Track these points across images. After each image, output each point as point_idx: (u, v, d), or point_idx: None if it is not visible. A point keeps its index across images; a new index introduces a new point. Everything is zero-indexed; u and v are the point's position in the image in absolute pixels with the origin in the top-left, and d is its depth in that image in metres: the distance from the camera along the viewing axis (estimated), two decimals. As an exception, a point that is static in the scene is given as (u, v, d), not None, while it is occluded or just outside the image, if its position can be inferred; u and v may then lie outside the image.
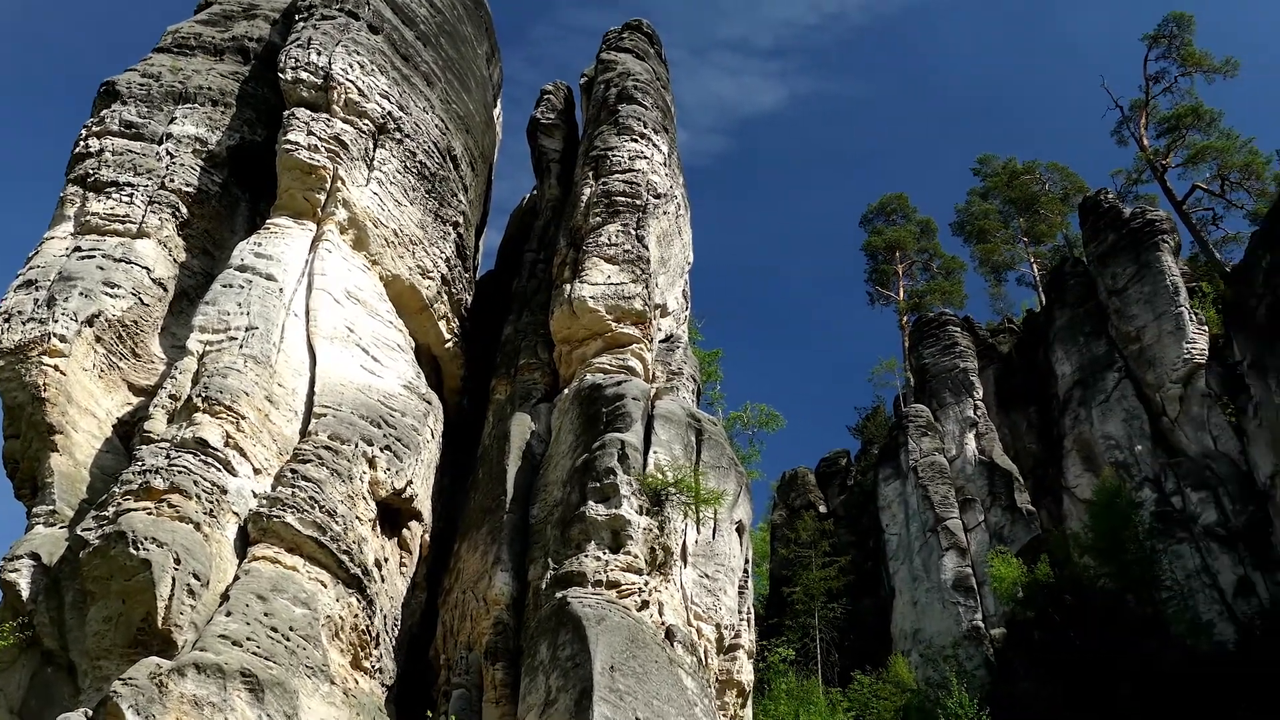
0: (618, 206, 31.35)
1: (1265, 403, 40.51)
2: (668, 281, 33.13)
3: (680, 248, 34.98)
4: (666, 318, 32.45)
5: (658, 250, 32.07)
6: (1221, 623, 40.43)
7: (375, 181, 28.58)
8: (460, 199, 32.98)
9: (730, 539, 26.09)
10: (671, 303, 33.12)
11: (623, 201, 31.49)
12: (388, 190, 28.96)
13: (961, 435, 54.99)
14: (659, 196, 32.96)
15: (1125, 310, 51.68)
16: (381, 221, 28.37)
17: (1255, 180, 62.69)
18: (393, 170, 29.38)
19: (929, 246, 77.63)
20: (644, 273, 29.95)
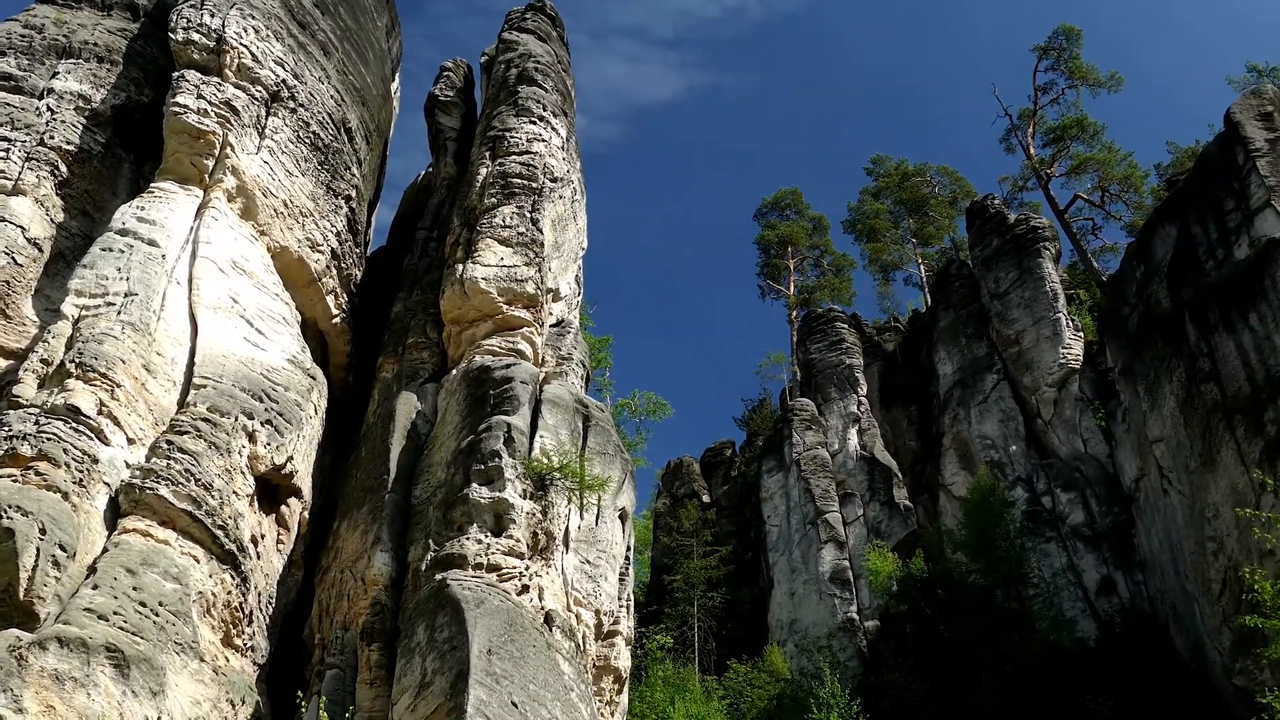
0: (514, 188, 31.15)
1: (1133, 409, 41.93)
2: (561, 266, 33.03)
3: (575, 233, 34.89)
4: (558, 302, 32.35)
5: (552, 234, 31.94)
6: (1084, 620, 41.83)
7: (266, 150, 27.95)
8: (354, 172, 32.45)
9: (613, 526, 26.16)
10: (564, 287, 33.02)
11: (519, 183, 31.30)
12: (279, 160, 28.34)
13: (844, 430, 55.93)
14: (556, 180, 32.82)
15: (1006, 314, 53.11)
16: (271, 191, 27.75)
17: (1133, 193, 64.81)
18: (285, 140, 28.77)
19: (821, 243, 78.78)
20: (537, 256, 29.82)
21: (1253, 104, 39.77)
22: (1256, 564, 27.32)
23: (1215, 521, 32.55)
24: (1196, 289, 37.10)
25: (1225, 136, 39.59)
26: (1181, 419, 36.04)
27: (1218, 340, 34.69)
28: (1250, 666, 29.05)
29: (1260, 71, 68.19)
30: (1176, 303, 38.13)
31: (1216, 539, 32.36)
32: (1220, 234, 37.86)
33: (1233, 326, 34.21)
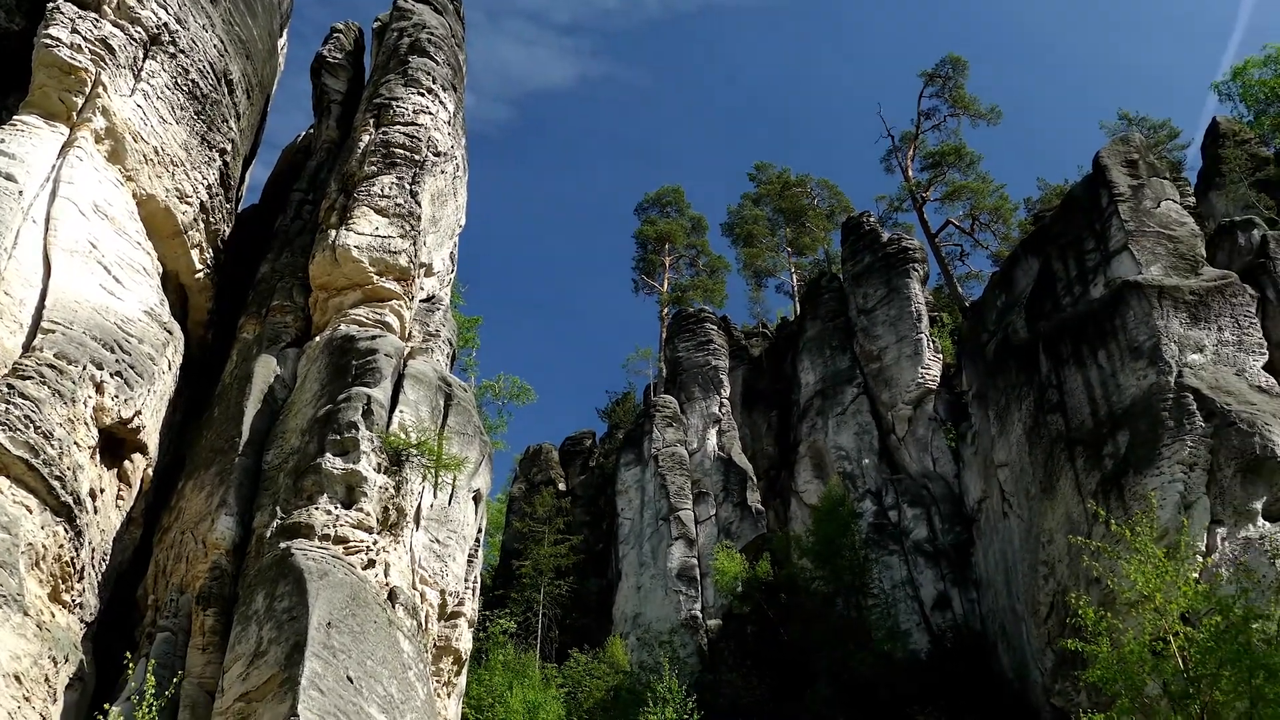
0: (395, 158, 30.69)
1: (983, 433, 43.29)
2: (436, 241, 32.66)
3: (454, 209, 34.54)
4: (431, 278, 31.99)
5: (431, 209, 31.57)
6: (918, 633, 43.07)
7: (141, 94, 26.96)
8: (231, 126, 31.56)
9: (466, 506, 26.02)
10: (438, 263, 32.67)
11: (401, 154, 30.85)
12: (153, 105, 27.38)
13: (705, 430, 56.51)
14: (439, 155, 32.43)
15: (871, 330, 54.31)
16: (142, 137, 26.81)
17: (1002, 224, 66.94)
18: (161, 85, 27.80)
19: (698, 243, 79.34)
20: (413, 229, 29.44)
21: (1120, 150, 41.36)
22: (1083, 590, 28.45)
23: (1049, 547, 33.81)
24: (1052, 322, 38.47)
25: (1092, 179, 41.11)
26: (1027, 446, 37.33)
27: (1067, 374, 36.03)
28: (1069, 688, 30.28)
29: (1130, 120, 71.05)
30: (1032, 334, 39.48)
31: (1049, 564, 33.61)
32: (1079, 271, 39.31)
33: (1083, 362, 35.56)
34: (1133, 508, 28.72)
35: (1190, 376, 32.24)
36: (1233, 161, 54.65)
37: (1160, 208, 39.11)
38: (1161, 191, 39.95)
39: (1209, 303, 34.37)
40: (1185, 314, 34.02)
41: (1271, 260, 36.29)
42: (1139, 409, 32.41)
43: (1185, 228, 38.61)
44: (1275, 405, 31.73)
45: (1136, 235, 37.62)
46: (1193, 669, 18.16)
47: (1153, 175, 40.42)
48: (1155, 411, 31.72)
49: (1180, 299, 34.35)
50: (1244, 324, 34.09)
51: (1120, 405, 33.33)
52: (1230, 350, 33.56)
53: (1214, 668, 17.87)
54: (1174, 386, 32.00)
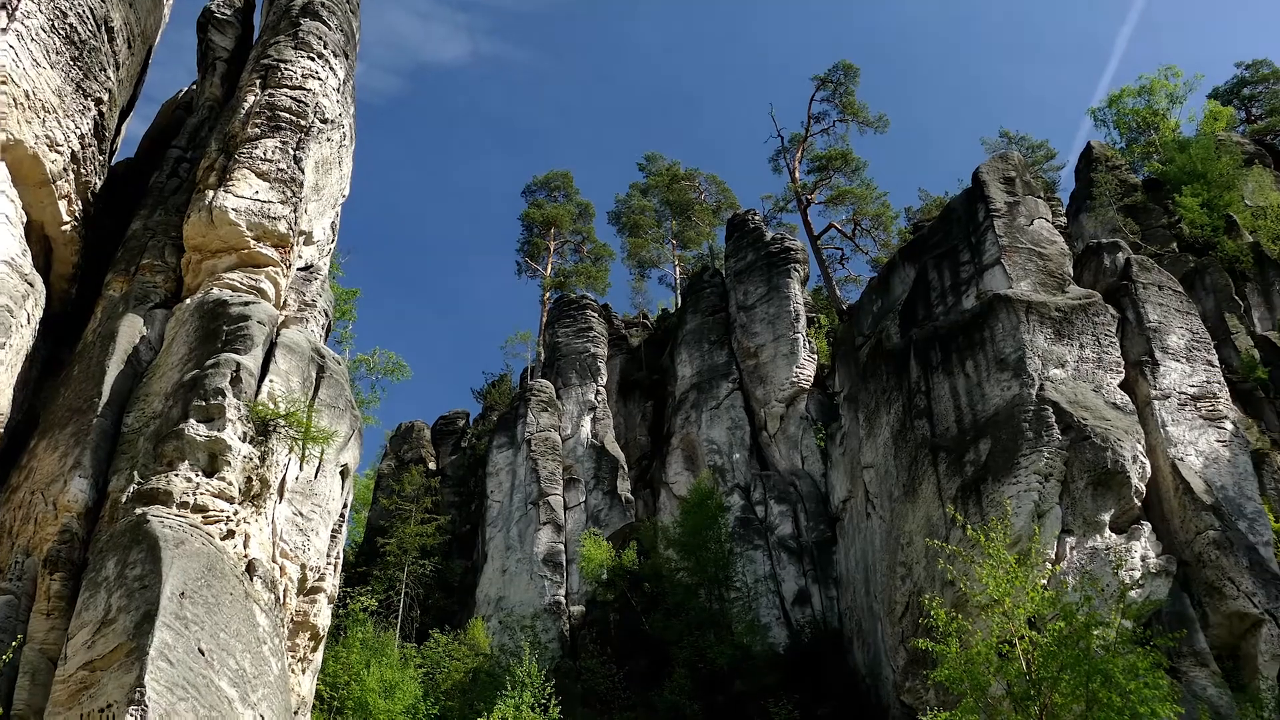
0: (281, 122, 30.00)
1: (852, 434, 44.16)
2: (318, 210, 32.03)
3: (338, 179, 33.91)
4: (310, 246, 31.37)
5: (314, 176, 30.95)
6: (777, 627, 43.80)
7: (14, 34, 25.84)
8: (109, 75, 30.48)
9: (333, 481, 25.63)
10: (318, 232, 32.04)
11: (287, 118, 30.17)
12: (26, 46, 26.28)
13: (579, 417, 56.57)
14: (326, 122, 31.80)
15: (750, 327, 54.96)
16: (13, 79, 25.71)
17: (882, 231, 68.33)
18: (37, 26, 26.70)
19: (584, 230, 79.30)
20: (295, 195, 28.84)
21: (999, 167, 42.52)
22: (938, 592, 29.24)
23: (908, 548, 34.66)
24: (924, 330, 39.39)
25: (971, 193, 42.18)
26: (893, 449, 38.20)
27: (936, 381, 36.95)
28: (918, 686, 31.09)
29: (1011, 138, 73.16)
30: (905, 340, 40.37)
31: (907, 565, 34.45)
32: (953, 282, 40.33)
33: (951, 370, 36.51)
34: (989, 514, 29.60)
35: (1051, 390, 33.33)
36: (1103, 185, 56.63)
37: (1033, 225, 40.32)
38: (1035, 210, 41.19)
39: (1073, 320, 35.57)
40: (1050, 329, 35.16)
41: (1134, 283, 37.68)
42: (1001, 419, 33.40)
43: (1055, 246, 39.90)
44: (1128, 422, 33.02)
45: (1009, 250, 38.73)
46: (1035, 671, 18.82)
47: (1028, 193, 41.65)
48: (1016, 422, 32.73)
49: (1047, 315, 35.48)
50: (1104, 342, 35.38)
51: (984, 414, 34.30)
52: (1090, 367, 34.79)
53: (1055, 671, 18.54)
54: (1035, 399, 33.05)
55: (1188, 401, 34.79)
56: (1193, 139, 59.95)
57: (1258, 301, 48.45)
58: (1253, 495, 33.34)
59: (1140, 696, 17.99)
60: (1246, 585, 30.50)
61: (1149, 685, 18.40)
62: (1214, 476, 32.93)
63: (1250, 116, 72.10)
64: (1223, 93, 72.35)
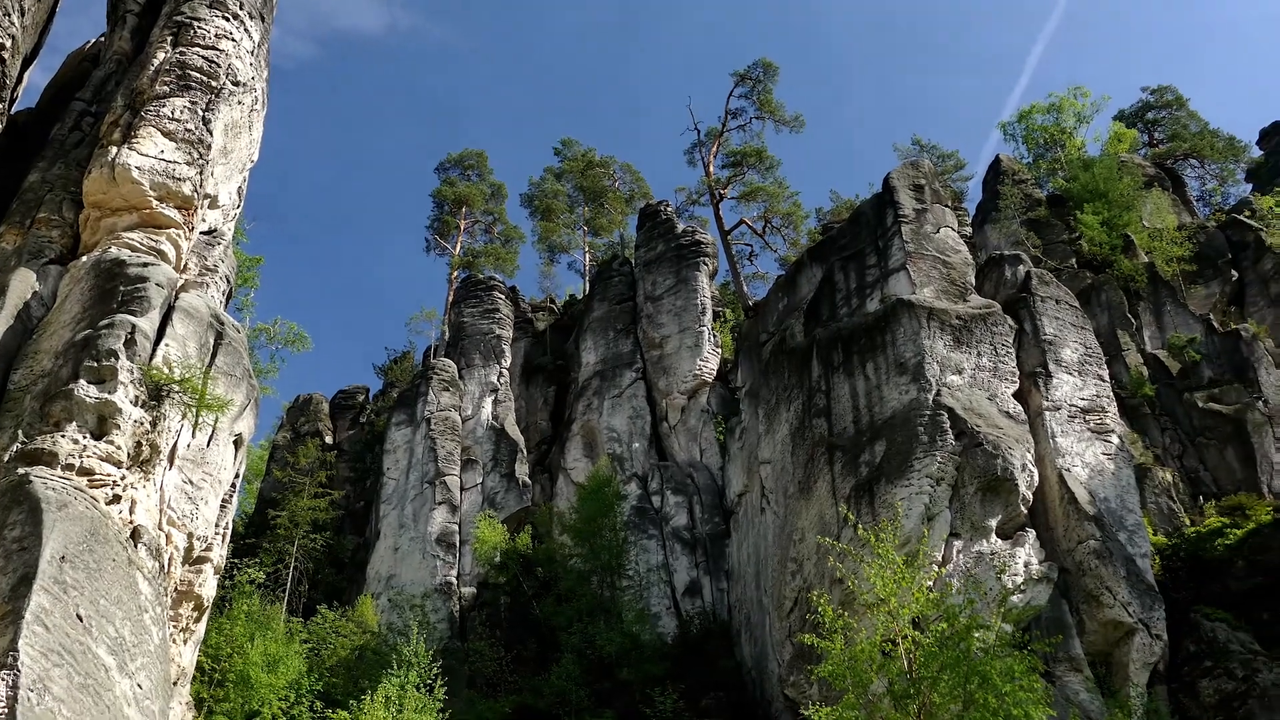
0: (191, 82, 29.33)
1: (751, 429, 44.60)
2: (225, 173, 31.39)
3: (247, 143, 33.26)
4: (215, 210, 30.74)
5: (223, 139, 30.32)
6: (667, 617, 44.11)
7: (-88, -29, 24.97)
8: (13, 21, 29.52)
9: (225, 450, 25.19)
10: (224, 197, 31.40)
11: (198, 78, 29.50)
12: (-75, -15, 25.39)
13: (481, 398, 56.27)
14: (238, 84, 31.16)
15: (656, 317, 55.16)
16: (-91, 18, 24.84)
17: (792, 230, 69.02)
18: (-63, -35, 25.81)
19: (495, 210, 78.81)
20: (201, 157, 28.24)
21: (910, 174, 43.21)
22: (827, 589, 29.68)
23: (800, 545, 35.12)
24: (828, 330, 39.90)
25: (881, 198, 42.82)
26: (790, 446, 38.65)
27: (836, 381, 37.45)
28: (802, 681, 31.56)
29: (922, 146, 74.36)
30: (809, 339, 40.84)
31: (798, 561, 34.91)
32: (859, 284, 40.92)
33: (852, 371, 37.04)
34: (881, 514, 30.12)
35: (947, 396, 34.00)
36: (1009, 199, 57.91)
37: (939, 233, 41.08)
38: (942, 218, 41.97)
39: (972, 329, 36.31)
40: (950, 336, 35.84)
41: (1032, 296, 38.58)
42: (898, 421, 33.98)
43: (959, 255, 40.70)
44: (1019, 431, 33.83)
45: (915, 257, 39.40)
46: (916, 671, 19.22)
47: (936, 202, 42.41)
48: (912, 426, 33.33)
49: (947, 322, 36.17)
50: (1001, 352, 36.17)
51: (881, 416, 34.86)
52: (986, 376, 35.55)
53: (935, 671, 18.95)
54: (932, 404, 33.68)
55: (1077, 414, 35.74)
56: (1097, 159, 61.56)
57: (1149, 320, 50.00)
58: (1134, 508, 34.41)
59: (1015, 699, 18.46)
60: (1123, 595, 31.48)
61: (1024, 688, 18.88)
62: (1098, 488, 33.89)
63: (1153, 140, 74.26)
64: (1128, 115, 74.40)
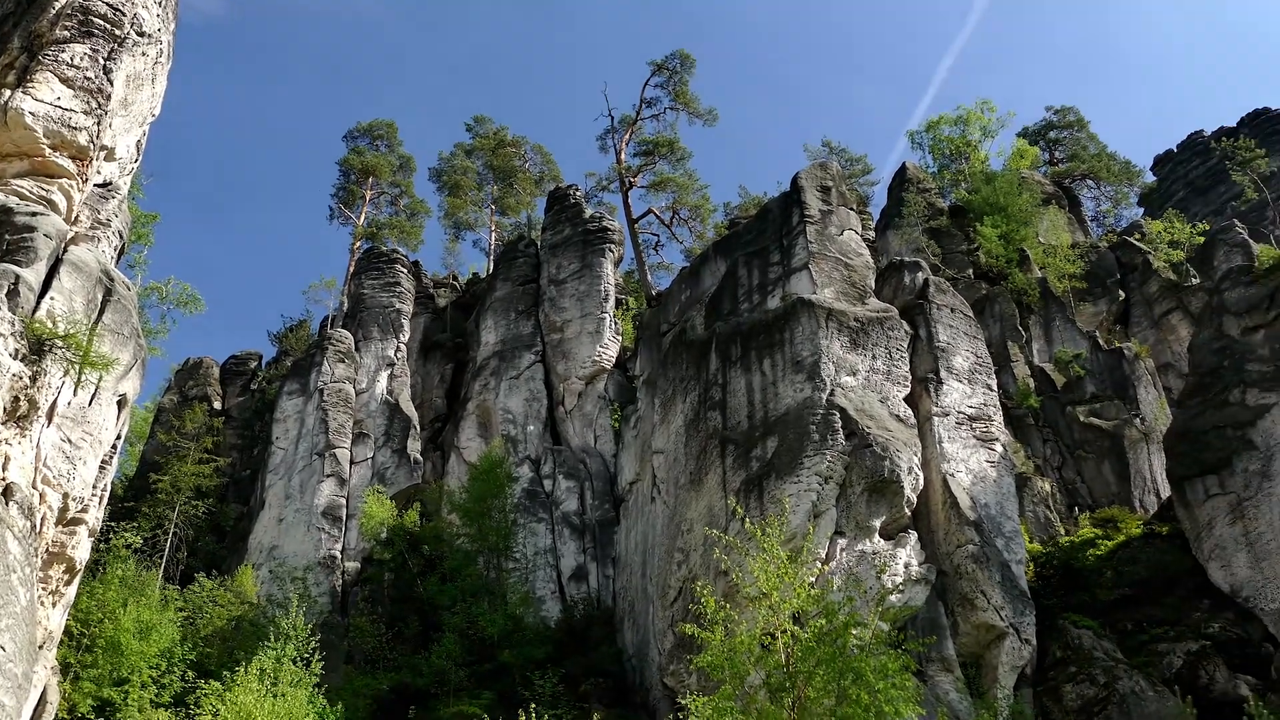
0: (94, 29, 28.42)
1: (646, 418, 44.80)
2: (124, 126, 30.50)
3: (149, 96, 32.35)
4: (111, 163, 29.86)
5: (124, 90, 29.45)
6: (552, 600, 44.13)
7: None
8: (-95, -49, 28.33)
9: (108, 410, 24.53)
10: (122, 149, 30.51)
11: (101, 25, 28.60)
12: None
13: (376, 372, 55.64)
14: (143, 35, 30.27)
15: (559, 301, 55.04)
16: None
17: (699, 222, 69.49)
18: None
19: (403, 183, 77.91)
20: (100, 107, 27.40)
21: (818, 175, 43.71)
22: (711, 581, 29.96)
23: (688, 535, 35.37)
24: (728, 325, 40.20)
25: (788, 197, 43.24)
26: (684, 437, 38.89)
27: (733, 375, 37.77)
28: (681, 670, 31.82)
29: (832, 148, 75.33)
30: (709, 332, 41.12)
31: (684, 551, 35.16)
32: (761, 281, 41.29)
33: (749, 366, 37.37)
34: (769, 509, 30.46)
35: (841, 396, 34.50)
36: (912, 206, 58.96)
37: (843, 236, 41.65)
38: (847, 221, 42.55)
39: (869, 331, 36.89)
40: (847, 338, 36.37)
41: (929, 303, 39.29)
42: (791, 419, 34.39)
43: (861, 259, 41.30)
44: (908, 435, 34.47)
45: (818, 257, 39.88)
46: (793, 665, 19.49)
47: (842, 204, 42.98)
48: (805, 424, 33.76)
49: (845, 323, 36.69)
50: (895, 356, 36.81)
51: (775, 413, 35.25)
52: (879, 379, 36.15)
53: (811, 666, 19.25)
54: (825, 403, 34.15)
55: (965, 421, 36.53)
56: (999, 173, 62.98)
57: (1038, 334, 51.36)
58: (1012, 515, 35.31)
59: (887, 696, 18.82)
60: (996, 599, 32.30)
61: (896, 686, 19.25)
62: (980, 494, 34.70)
63: (1053, 159, 76.22)
64: (1031, 133, 76.23)
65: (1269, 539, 31.89)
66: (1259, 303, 35.78)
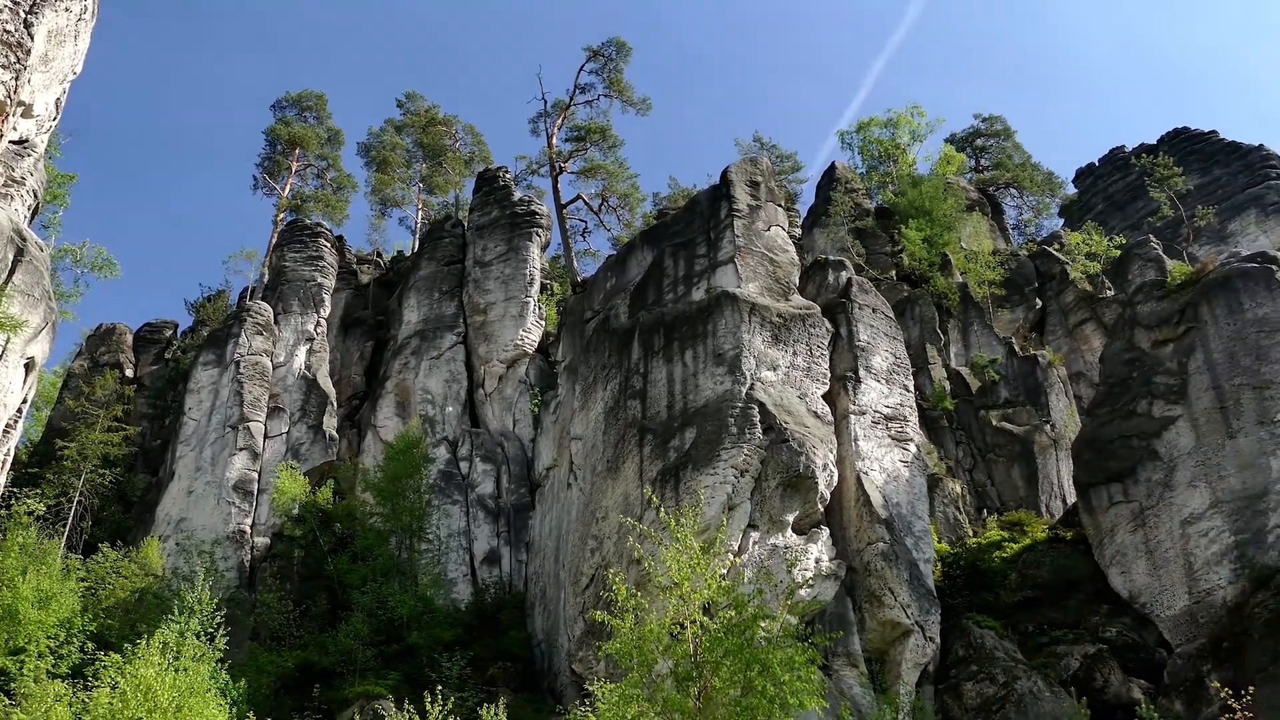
0: (15, -19, 27.70)
1: (566, 404, 44.77)
2: (44, 82, 29.79)
3: (71, 54, 31.61)
4: (29, 120, 29.17)
5: (45, 45, 28.76)
6: (463, 583, 43.96)
7: None
8: None
9: (15, 372, 24.00)
10: (40, 107, 29.80)
11: (22, -22, 27.88)
12: None
13: (295, 346, 54.87)
14: (66, -10, 29.57)
15: (484, 283, 54.72)
16: None
17: (628, 211, 69.51)
18: None
19: (330, 156, 76.81)
20: (19, 61, 26.74)
21: (748, 170, 43.93)
22: (624, 569, 30.05)
23: (603, 523, 35.44)
24: (652, 314, 40.30)
25: (717, 190, 43.42)
26: (603, 425, 38.93)
27: (655, 365, 37.88)
28: (590, 656, 31.92)
29: (763, 144, 75.79)
30: (632, 321, 41.18)
31: (599, 539, 35.23)
32: (687, 272, 41.44)
33: (671, 357, 37.51)
34: (684, 500, 30.61)
35: (761, 391, 34.77)
36: (840, 205, 59.51)
37: (770, 231, 41.93)
38: (774, 217, 42.85)
39: (791, 328, 37.21)
40: (769, 333, 36.65)
41: (851, 302, 39.73)
42: (710, 411, 34.59)
43: (787, 255, 41.63)
44: (825, 432, 34.86)
45: (744, 252, 40.12)
46: (700, 655, 19.64)
47: (770, 200, 43.27)
48: (723, 416, 33.98)
49: (768, 319, 36.97)
50: (816, 354, 37.19)
51: (695, 404, 35.42)
52: (799, 375, 36.50)
53: (718, 657, 19.40)
54: (744, 397, 34.40)
55: (881, 420, 37.02)
56: (926, 177, 63.81)
57: (956, 338, 52.19)
58: (923, 515, 35.90)
59: (792, 688, 19.03)
60: (904, 597, 32.82)
61: (801, 679, 19.47)
62: (892, 493, 35.20)
63: (979, 166, 77.38)
64: (959, 139, 77.28)
65: (1168, 547, 32.78)
66: (1169, 317, 36.67)
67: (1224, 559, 31.79)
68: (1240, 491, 32.27)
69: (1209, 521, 32.46)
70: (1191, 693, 30.43)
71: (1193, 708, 29.88)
